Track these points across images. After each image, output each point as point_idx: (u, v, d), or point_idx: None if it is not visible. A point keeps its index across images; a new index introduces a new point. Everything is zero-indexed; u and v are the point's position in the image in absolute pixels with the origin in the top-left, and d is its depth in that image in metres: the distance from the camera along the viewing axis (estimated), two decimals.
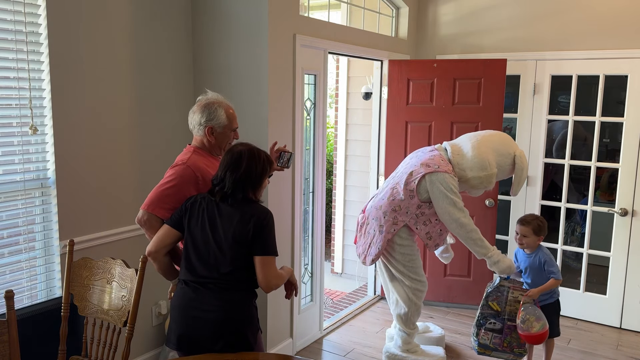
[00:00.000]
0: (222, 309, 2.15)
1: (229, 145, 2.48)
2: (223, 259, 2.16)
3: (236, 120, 2.52)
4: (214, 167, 2.43)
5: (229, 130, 2.47)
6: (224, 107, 2.46)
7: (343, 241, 5.48)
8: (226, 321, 2.16)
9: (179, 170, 2.33)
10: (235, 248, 2.15)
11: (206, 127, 2.41)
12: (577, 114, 4.29)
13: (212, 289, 2.17)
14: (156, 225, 2.29)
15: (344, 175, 5.40)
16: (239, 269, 2.17)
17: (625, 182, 4.10)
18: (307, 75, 3.71)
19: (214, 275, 2.17)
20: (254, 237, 2.15)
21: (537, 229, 3.19)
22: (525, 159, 3.30)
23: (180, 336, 2.20)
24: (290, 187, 3.55)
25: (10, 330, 2.07)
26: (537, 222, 3.21)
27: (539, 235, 3.21)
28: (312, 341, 3.92)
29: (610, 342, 3.98)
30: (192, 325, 2.18)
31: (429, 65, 4.38)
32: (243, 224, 2.15)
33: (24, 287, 2.75)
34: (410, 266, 3.35)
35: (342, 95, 5.35)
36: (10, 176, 2.65)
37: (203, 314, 2.16)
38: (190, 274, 2.21)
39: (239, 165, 2.19)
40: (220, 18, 3.40)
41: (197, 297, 2.18)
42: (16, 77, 2.62)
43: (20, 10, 2.60)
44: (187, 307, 2.19)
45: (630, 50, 3.98)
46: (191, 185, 2.32)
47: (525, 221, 3.23)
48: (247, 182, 2.19)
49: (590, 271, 4.33)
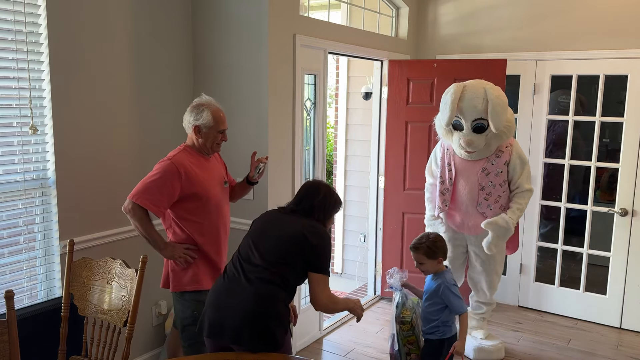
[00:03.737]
0: (253, 300, 2.21)
1: (218, 146, 2.70)
2: (274, 249, 2.28)
3: (224, 123, 2.69)
4: (202, 166, 2.66)
5: (214, 131, 2.66)
6: (212, 109, 2.65)
7: (343, 241, 5.48)
8: (255, 312, 2.19)
9: (163, 165, 2.55)
10: (290, 246, 2.28)
11: (193, 126, 2.64)
12: (577, 114, 4.29)
13: (251, 278, 2.24)
14: (139, 214, 2.50)
15: (344, 175, 5.40)
16: (285, 265, 2.26)
17: (625, 182, 4.10)
18: (307, 75, 3.71)
19: (257, 263, 2.27)
20: (312, 255, 2.29)
21: (429, 252, 2.82)
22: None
23: (211, 323, 2.24)
24: (291, 187, 3.55)
25: (10, 330, 2.07)
26: (426, 245, 2.83)
27: (436, 258, 2.84)
28: (312, 341, 3.92)
29: (610, 342, 3.98)
30: (224, 312, 2.24)
31: (429, 65, 4.38)
32: (308, 235, 2.30)
33: (24, 287, 2.75)
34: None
35: (342, 95, 5.35)
36: (10, 176, 2.65)
37: (235, 302, 2.22)
38: (233, 266, 2.34)
39: (318, 192, 2.45)
40: (220, 18, 3.40)
41: (231, 287, 2.27)
42: (16, 77, 2.62)
43: (20, 10, 2.60)
44: (223, 293, 2.28)
45: (630, 50, 3.98)
46: (174, 180, 2.52)
47: (414, 247, 2.87)
48: (321, 209, 2.42)
49: (590, 271, 4.34)
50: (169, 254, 2.61)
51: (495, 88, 3.27)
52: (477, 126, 3.24)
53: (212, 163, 2.77)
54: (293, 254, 2.27)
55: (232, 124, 3.44)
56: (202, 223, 2.65)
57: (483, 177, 3.36)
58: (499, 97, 3.21)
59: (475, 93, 3.24)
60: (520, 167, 3.36)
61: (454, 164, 3.45)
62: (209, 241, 2.68)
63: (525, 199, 3.38)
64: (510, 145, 3.39)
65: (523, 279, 4.57)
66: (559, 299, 4.44)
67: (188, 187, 2.57)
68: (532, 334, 4.09)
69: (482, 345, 3.66)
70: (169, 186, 2.51)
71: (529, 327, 4.23)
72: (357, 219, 5.34)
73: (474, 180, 3.38)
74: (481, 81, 3.35)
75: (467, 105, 3.23)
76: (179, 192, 2.55)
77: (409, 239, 4.50)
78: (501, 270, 3.64)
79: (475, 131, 3.25)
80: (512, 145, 3.40)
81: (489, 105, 3.19)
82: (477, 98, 3.22)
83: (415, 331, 2.90)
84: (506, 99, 3.27)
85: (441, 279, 2.82)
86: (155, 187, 2.50)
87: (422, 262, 2.84)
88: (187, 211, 2.62)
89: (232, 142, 3.45)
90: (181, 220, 2.63)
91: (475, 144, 3.27)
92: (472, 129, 3.25)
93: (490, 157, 3.36)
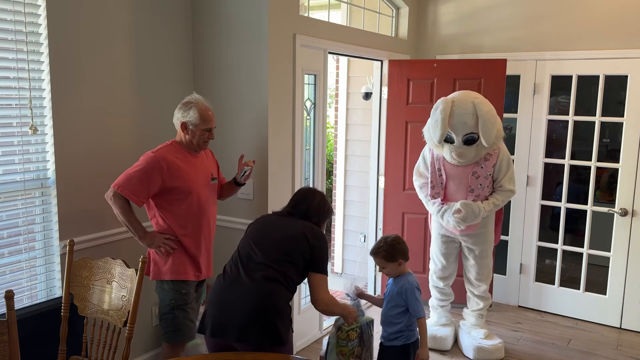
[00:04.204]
0: (256, 297, 2.24)
1: (205, 144, 2.79)
2: (277, 248, 2.35)
3: (211, 121, 2.76)
4: (188, 161, 2.74)
5: (201, 129, 2.73)
6: (200, 107, 2.74)
7: (343, 241, 5.48)
8: (259, 309, 2.22)
9: (147, 158, 2.66)
10: (293, 245, 2.35)
11: (181, 122, 2.73)
12: (577, 114, 4.29)
13: (253, 276, 2.28)
14: (119, 202, 2.60)
15: (344, 175, 5.40)
16: (287, 263, 2.32)
17: (625, 182, 4.09)
18: (307, 75, 3.71)
19: (259, 261, 2.31)
20: (313, 254, 2.37)
21: (387, 256, 2.76)
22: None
23: (215, 322, 2.26)
24: (290, 187, 3.55)
25: (10, 330, 2.07)
26: (384, 249, 2.77)
27: (396, 261, 2.77)
28: (312, 341, 3.92)
29: (610, 342, 3.98)
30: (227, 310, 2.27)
31: (429, 65, 4.38)
32: (308, 235, 2.39)
33: (24, 287, 2.75)
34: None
35: (342, 95, 5.35)
36: (10, 176, 2.65)
37: (238, 300, 2.25)
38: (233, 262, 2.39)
39: (314, 196, 2.57)
40: (221, 18, 3.40)
41: (233, 286, 2.31)
42: (16, 77, 2.62)
43: (20, 10, 2.60)
44: (225, 293, 2.33)
45: (630, 50, 3.98)
46: (155, 172, 2.62)
47: (373, 252, 2.82)
48: (317, 212, 2.53)
49: (590, 271, 4.34)
50: (148, 242, 2.68)
51: (484, 102, 3.34)
52: (468, 139, 3.35)
53: (200, 159, 2.84)
54: (295, 253, 2.33)
55: (232, 123, 3.44)
56: (183, 216, 2.73)
57: (473, 180, 3.48)
58: (489, 113, 3.29)
59: (464, 109, 3.31)
60: (505, 168, 3.50)
61: (444, 170, 3.57)
62: (188, 234, 2.75)
63: (503, 197, 3.53)
64: (497, 148, 3.49)
65: (523, 279, 4.57)
66: (559, 299, 4.44)
67: (169, 180, 2.65)
68: (532, 334, 4.09)
69: (481, 345, 3.67)
70: (150, 178, 2.61)
71: (529, 327, 4.23)
72: (357, 219, 5.34)
73: (464, 183, 3.51)
74: (469, 94, 3.42)
75: (457, 122, 3.32)
76: (160, 184, 2.64)
77: (409, 239, 4.51)
78: (492, 262, 3.76)
79: (466, 143, 3.36)
80: (499, 148, 3.50)
81: (479, 121, 3.28)
82: (467, 114, 3.30)
83: (349, 345, 2.68)
84: (495, 112, 3.36)
85: (403, 281, 2.78)
86: (136, 178, 2.60)
87: (383, 265, 2.81)
88: (169, 202, 2.70)
89: (232, 142, 3.45)
90: (162, 211, 2.72)
91: (467, 156, 3.40)
92: (463, 142, 3.36)
93: (480, 161, 3.47)
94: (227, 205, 3.48)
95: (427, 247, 4.46)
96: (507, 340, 3.96)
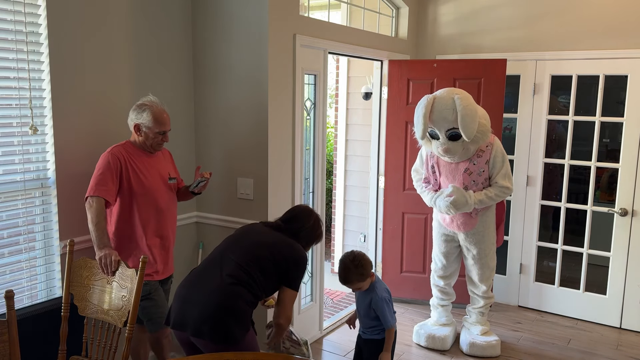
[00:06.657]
0: (216, 296, 2.29)
1: (159, 146, 2.79)
2: (250, 251, 2.40)
3: (165, 124, 2.75)
4: (142, 161, 2.75)
5: (154, 132, 2.73)
6: (154, 110, 2.73)
7: (343, 241, 5.48)
8: (214, 308, 2.26)
9: (105, 157, 2.68)
10: (266, 253, 2.41)
11: (134, 124, 2.74)
12: (577, 114, 4.29)
13: (220, 274, 2.34)
14: (96, 206, 2.59)
15: (344, 175, 5.40)
16: (257, 268, 2.36)
17: (625, 182, 4.10)
18: (307, 75, 3.71)
19: (229, 262, 2.37)
20: (288, 269, 2.42)
21: (360, 277, 2.74)
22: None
23: (175, 316, 2.34)
24: (290, 187, 3.55)
25: (10, 330, 2.07)
26: (355, 273, 2.73)
27: (368, 276, 2.76)
28: (312, 341, 3.91)
29: (610, 342, 3.99)
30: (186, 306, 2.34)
31: (429, 65, 4.38)
32: (287, 248, 2.45)
33: (24, 287, 2.75)
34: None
35: (342, 95, 5.35)
36: (10, 176, 2.65)
37: (199, 296, 2.31)
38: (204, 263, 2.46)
39: (310, 217, 2.63)
40: (221, 18, 3.40)
41: (199, 282, 2.36)
42: (16, 77, 2.62)
43: (20, 10, 2.60)
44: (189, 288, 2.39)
45: (630, 50, 3.98)
46: (115, 168, 2.66)
47: (345, 282, 2.78)
48: (308, 233, 2.60)
49: (590, 271, 4.34)
50: (101, 254, 2.50)
51: (465, 97, 3.34)
52: (451, 135, 3.36)
53: (155, 159, 2.85)
54: (267, 262, 2.39)
55: (232, 123, 3.44)
56: (140, 214, 2.73)
57: (466, 177, 3.49)
58: (467, 107, 3.29)
59: (444, 105, 3.33)
60: (499, 165, 3.50)
61: (437, 167, 3.60)
62: (145, 232, 2.75)
63: (497, 192, 3.49)
64: (490, 145, 3.50)
65: (523, 279, 4.57)
66: (559, 299, 4.44)
67: (127, 177, 2.70)
68: (532, 334, 4.10)
69: (475, 340, 3.72)
70: (112, 174, 2.65)
71: (529, 327, 4.23)
72: (357, 219, 5.34)
73: (458, 180, 3.52)
74: (451, 90, 3.43)
75: (437, 117, 3.35)
76: (121, 178, 2.68)
77: (409, 239, 4.52)
78: (493, 263, 3.73)
79: (450, 139, 3.37)
80: (492, 144, 3.50)
81: (458, 116, 3.28)
82: (447, 109, 3.32)
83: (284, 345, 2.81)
84: (475, 106, 3.36)
85: (371, 294, 2.76)
86: (103, 178, 2.63)
87: (359, 286, 2.77)
88: (125, 201, 2.72)
89: (232, 142, 3.45)
90: (119, 209, 2.72)
91: (453, 151, 3.41)
92: (448, 137, 3.37)
93: (472, 158, 3.48)
94: (227, 205, 3.48)
95: (427, 247, 4.47)
96: (507, 340, 3.96)
